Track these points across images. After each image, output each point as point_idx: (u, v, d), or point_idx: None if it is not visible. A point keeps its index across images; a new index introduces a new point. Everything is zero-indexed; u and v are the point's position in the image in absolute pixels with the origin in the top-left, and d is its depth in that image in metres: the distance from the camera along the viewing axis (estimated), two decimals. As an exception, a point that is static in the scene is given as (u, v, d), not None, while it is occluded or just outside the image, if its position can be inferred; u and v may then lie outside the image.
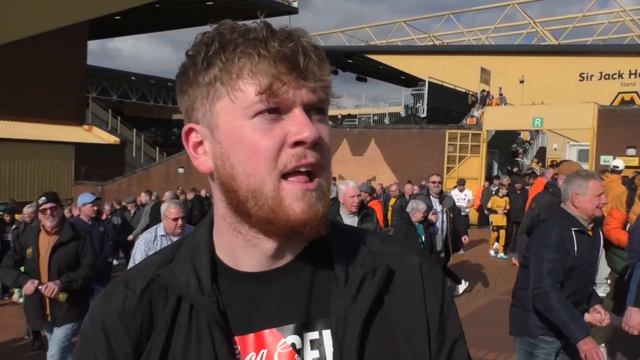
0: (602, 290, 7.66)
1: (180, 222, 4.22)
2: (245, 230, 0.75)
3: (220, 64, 0.70)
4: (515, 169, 19.55)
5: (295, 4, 34.31)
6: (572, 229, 2.91)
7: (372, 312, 0.75)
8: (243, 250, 0.77)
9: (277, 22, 0.74)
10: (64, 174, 24.46)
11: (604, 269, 4.18)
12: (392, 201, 12.43)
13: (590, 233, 3.01)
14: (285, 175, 0.70)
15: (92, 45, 32.17)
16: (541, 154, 24.29)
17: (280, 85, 0.68)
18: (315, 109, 0.72)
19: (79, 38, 26.77)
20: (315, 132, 0.69)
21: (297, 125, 0.69)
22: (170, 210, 4.21)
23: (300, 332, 0.75)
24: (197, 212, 12.82)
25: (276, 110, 0.70)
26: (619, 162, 8.50)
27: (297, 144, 0.69)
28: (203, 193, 14.35)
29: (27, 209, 8.67)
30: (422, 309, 0.78)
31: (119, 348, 0.75)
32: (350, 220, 4.70)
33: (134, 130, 32.05)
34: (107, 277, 6.30)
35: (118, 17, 29.25)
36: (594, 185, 2.94)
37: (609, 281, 4.37)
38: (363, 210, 4.86)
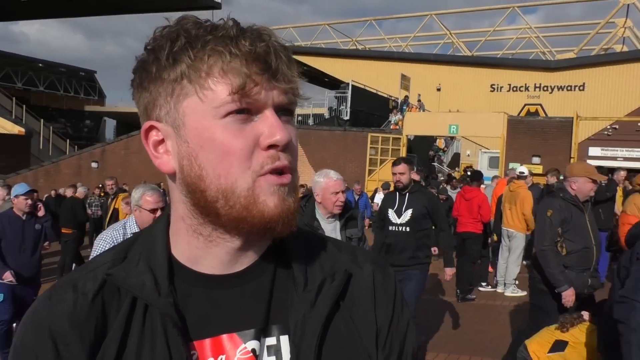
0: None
1: (159, 213, 3.34)
2: (207, 232, 0.73)
3: (189, 60, 0.67)
4: (433, 175, 20.40)
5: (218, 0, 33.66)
6: None
7: (330, 318, 0.74)
8: (203, 252, 0.74)
9: (199, 16, 0.72)
10: (-41, 165, 22.32)
11: None
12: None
13: None
14: (262, 175, 0.70)
15: (-6, 26, 29.64)
16: (455, 159, 25.60)
17: (252, 85, 0.67)
18: (284, 111, 0.71)
19: (-21, 18, 24.55)
20: (287, 135, 0.69)
21: (269, 127, 0.69)
22: (145, 199, 3.41)
23: (259, 337, 0.73)
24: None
25: (247, 111, 0.69)
26: (524, 169, 9.17)
27: (270, 146, 0.69)
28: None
29: None
30: (372, 319, 0.78)
31: (69, 356, 0.69)
32: (330, 226, 3.67)
33: (42, 120, 29.93)
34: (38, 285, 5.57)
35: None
36: None
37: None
38: (347, 211, 3.71)
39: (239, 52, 0.67)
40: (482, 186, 9.20)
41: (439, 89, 27.37)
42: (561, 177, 9.83)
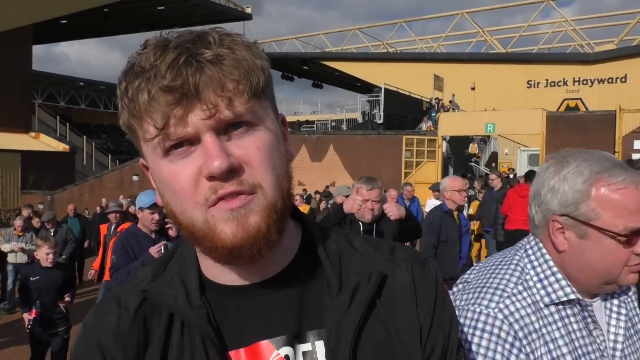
0: None
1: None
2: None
3: (126, 107, 0.67)
4: (469, 176, 20.06)
5: (249, 10, 34.21)
6: None
7: (366, 321, 0.73)
8: (218, 270, 0.75)
9: (230, 28, 0.71)
10: (9, 182, 23.29)
11: None
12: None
13: None
14: (212, 205, 0.67)
15: (37, 49, 30.95)
16: (493, 158, 25.08)
17: (174, 120, 0.64)
18: (234, 125, 0.66)
19: (23, 42, 25.68)
20: (223, 162, 0.64)
21: (204, 157, 0.65)
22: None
23: (292, 343, 0.73)
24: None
25: (184, 143, 0.66)
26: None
27: (211, 177, 0.65)
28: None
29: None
30: (414, 318, 0.76)
31: None
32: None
33: (84, 137, 30.97)
34: None
35: (64, 21, 28.24)
36: None
37: None
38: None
39: (155, 87, 0.63)
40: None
41: (473, 88, 26.92)
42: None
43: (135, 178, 22.40)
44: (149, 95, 0.64)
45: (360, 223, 3.70)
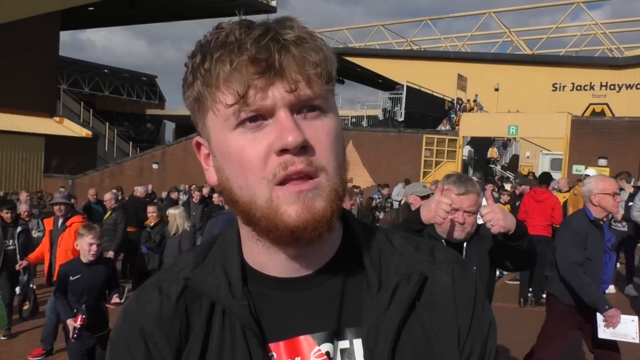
0: None
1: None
2: (263, 239, 0.72)
3: (201, 77, 0.68)
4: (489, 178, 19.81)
5: (274, 3, 34.20)
6: None
7: (405, 321, 0.72)
8: (265, 257, 0.74)
9: (255, 19, 0.71)
10: (33, 166, 23.71)
11: None
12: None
13: None
14: (280, 183, 0.67)
15: (64, 35, 31.39)
16: (514, 161, 24.76)
17: (254, 91, 0.65)
18: (308, 107, 0.68)
19: (51, 28, 26.05)
20: (298, 136, 0.65)
21: (279, 130, 0.66)
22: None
23: (332, 340, 0.73)
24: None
25: (258, 117, 0.67)
26: (591, 171, 8.73)
27: (283, 151, 0.65)
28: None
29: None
30: (454, 321, 0.75)
31: (158, 355, 0.73)
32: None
33: (107, 123, 31.38)
34: None
35: (92, 8, 28.57)
36: None
37: None
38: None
39: (239, 58, 0.65)
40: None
41: (497, 89, 26.62)
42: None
43: (154, 166, 22.64)
44: (231, 65, 0.65)
45: (443, 241, 2.57)
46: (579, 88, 28.16)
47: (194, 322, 0.73)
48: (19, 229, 6.48)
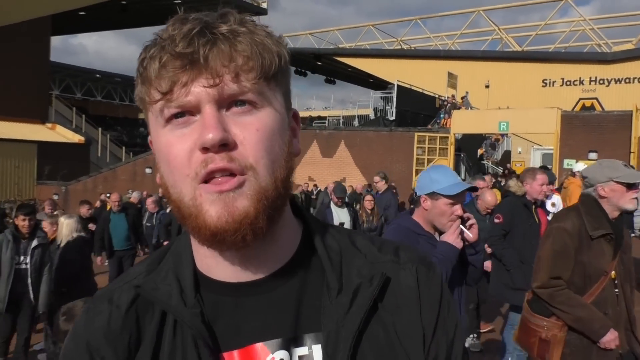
0: None
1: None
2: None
3: (140, 76, 0.67)
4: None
5: (264, 5, 34.21)
6: None
7: (366, 324, 0.70)
8: (213, 261, 0.72)
9: None
10: (26, 173, 23.63)
11: None
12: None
13: None
14: (203, 182, 0.65)
15: (55, 41, 31.32)
16: (506, 157, 24.92)
17: (178, 87, 0.64)
18: (238, 102, 0.65)
19: (41, 33, 25.98)
20: (217, 134, 0.62)
21: (201, 127, 0.64)
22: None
23: (288, 347, 0.70)
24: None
25: (185, 113, 0.65)
26: (580, 166, 8.82)
27: (205, 148, 0.63)
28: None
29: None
30: (418, 323, 0.73)
31: None
32: None
33: (99, 129, 31.30)
34: None
35: (82, 13, 28.51)
36: None
37: None
38: None
39: (168, 53, 0.64)
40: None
41: (487, 86, 26.76)
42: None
43: (147, 170, 22.61)
44: (160, 62, 0.64)
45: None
46: (568, 83, 28.36)
47: (145, 332, 0.71)
48: (34, 242, 5.08)
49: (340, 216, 6.86)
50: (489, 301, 5.99)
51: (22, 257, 5.00)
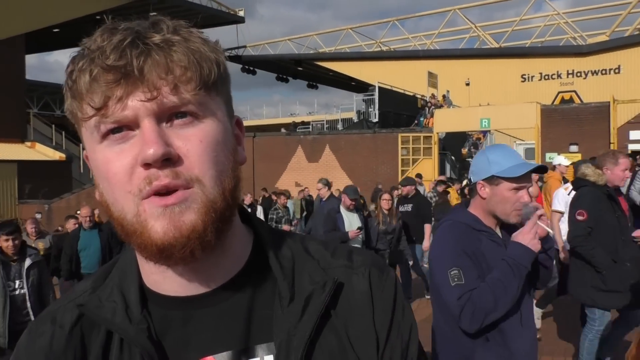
0: None
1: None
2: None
3: (69, 90, 0.64)
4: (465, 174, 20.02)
5: (241, 13, 34.21)
6: None
7: (319, 332, 0.69)
8: (160, 276, 0.70)
9: (224, 31, 0.68)
10: (6, 193, 23.24)
11: None
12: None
13: None
14: (146, 197, 0.62)
15: (30, 59, 31.00)
16: (489, 153, 25.02)
17: (113, 101, 0.61)
18: (178, 114, 0.63)
19: (15, 52, 25.65)
20: (158, 149, 0.60)
21: (141, 142, 0.61)
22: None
23: (239, 359, 0.69)
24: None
25: (123, 128, 0.62)
26: (561, 159, 8.82)
27: (147, 164, 0.61)
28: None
29: None
30: (371, 327, 0.72)
31: None
32: None
33: (80, 145, 30.89)
34: None
35: (56, 30, 28.21)
36: None
37: None
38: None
39: (99, 66, 0.60)
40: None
41: (467, 84, 26.96)
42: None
43: (132, 184, 22.36)
44: (91, 75, 0.61)
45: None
46: (547, 77, 28.70)
47: (90, 351, 0.69)
48: (26, 262, 4.54)
49: (352, 222, 6.12)
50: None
51: (16, 282, 4.44)
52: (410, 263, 7.68)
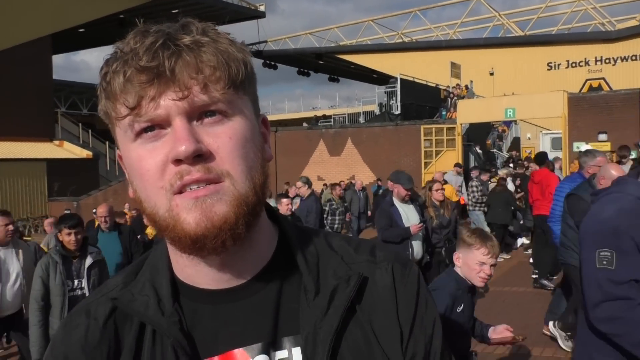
0: None
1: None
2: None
3: (104, 91, 0.67)
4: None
5: (262, 8, 34.24)
6: None
7: (344, 325, 0.70)
8: (193, 270, 0.72)
9: (245, 26, 0.69)
10: (36, 191, 23.85)
11: None
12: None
13: None
14: (178, 192, 0.65)
15: (57, 59, 31.66)
16: (516, 144, 24.70)
17: (146, 101, 0.63)
18: (208, 113, 0.65)
19: (42, 53, 26.21)
20: (190, 145, 0.62)
21: (173, 140, 0.64)
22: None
23: (267, 351, 0.71)
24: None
25: (155, 127, 0.65)
26: (587, 147, 8.71)
27: (179, 160, 0.63)
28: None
29: None
30: (395, 321, 0.73)
31: None
32: None
33: (106, 143, 31.51)
34: None
35: (82, 30, 28.70)
36: None
37: None
38: None
39: (132, 67, 0.63)
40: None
41: (492, 74, 26.58)
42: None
43: (157, 181, 22.69)
44: (125, 77, 0.63)
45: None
46: (574, 65, 28.07)
47: (124, 343, 0.71)
48: (87, 260, 4.12)
49: (409, 215, 5.41)
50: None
51: (75, 282, 4.05)
52: None
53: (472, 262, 2.59)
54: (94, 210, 7.20)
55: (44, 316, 3.94)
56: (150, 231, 8.02)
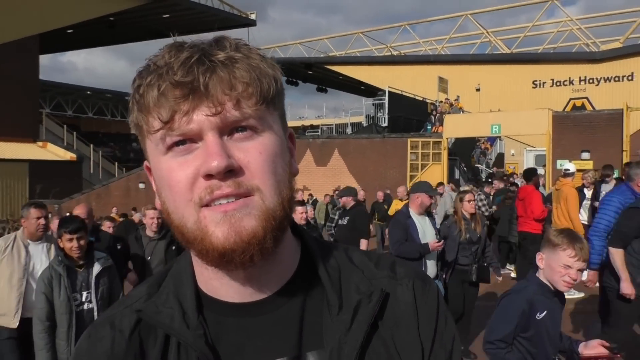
0: None
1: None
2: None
3: (136, 103, 0.67)
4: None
5: (253, 17, 34.29)
6: None
7: (368, 341, 0.71)
8: (218, 282, 0.72)
9: (235, 34, 0.71)
10: (17, 192, 23.46)
11: None
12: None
13: None
14: (207, 205, 0.66)
15: (44, 59, 31.34)
16: (500, 159, 24.97)
17: (179, 115, 0.64)
18: (238, 128, 0.66)
19: (29, 53, 25.91)
20: (222, 161, 0.63)
21: (204, 155, 0.65)
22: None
23: None
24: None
25: (187, 141, 0.66)
26: (570, 166, 8.81)
27: (209, 175, 0.64)
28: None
29: None
30: (416, 337, 0.74)
31: None
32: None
33: (91, 145, 31.16)
34: None
35: (70, 31, 28.46)
36: None
37: None
38: None
39: (166, 82, 0.64)
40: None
41: (478, 90, 26.85)
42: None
43: (141, 186, 22.48)
44: (159, 90, 0.64)
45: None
46: (558, 84, 28.50)
47: (149, 355, 0.72)
48: (95, 267, 3.67)
49: (425, 229, 5.07)
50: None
51: (84, 294, 3.62)
52: (500, 279, 6.06)
53: (557, 265, 2.43)
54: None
55: (51, 338, 3.54)
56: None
